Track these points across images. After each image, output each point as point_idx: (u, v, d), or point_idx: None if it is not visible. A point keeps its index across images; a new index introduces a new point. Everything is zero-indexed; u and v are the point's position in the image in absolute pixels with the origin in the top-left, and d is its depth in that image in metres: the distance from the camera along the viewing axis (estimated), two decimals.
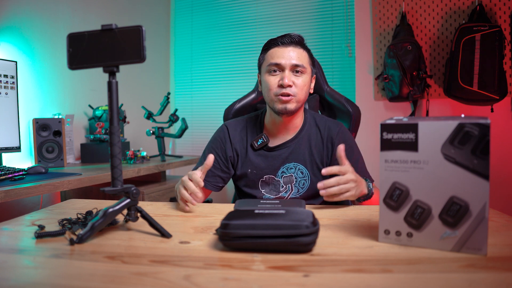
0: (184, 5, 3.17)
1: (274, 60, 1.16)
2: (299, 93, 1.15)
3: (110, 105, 0.74)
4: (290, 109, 1.15)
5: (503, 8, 2.17)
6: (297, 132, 1.24)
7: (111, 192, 0.74)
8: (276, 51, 1.17)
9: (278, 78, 1.15)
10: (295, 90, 1.14)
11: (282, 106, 1.15)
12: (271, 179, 1.23)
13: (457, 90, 2.10)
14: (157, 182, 2.23)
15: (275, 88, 1.15)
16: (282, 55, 1.15)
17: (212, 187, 1.26)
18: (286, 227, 0.64)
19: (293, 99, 1.15)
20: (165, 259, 0.62)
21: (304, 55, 1.18)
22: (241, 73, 2.97)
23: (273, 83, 1.16)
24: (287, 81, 1.12)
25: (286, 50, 1.16)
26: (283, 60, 1.14)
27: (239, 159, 1.26)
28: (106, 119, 2.15)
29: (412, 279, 0.54)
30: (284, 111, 1.15)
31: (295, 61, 1.14)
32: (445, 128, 0.63)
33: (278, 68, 1.15)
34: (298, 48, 1.17)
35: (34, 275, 0.58)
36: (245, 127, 1.29)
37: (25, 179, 1.41)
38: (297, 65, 1.14)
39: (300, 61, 1.15)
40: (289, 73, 1.14)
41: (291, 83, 1.13)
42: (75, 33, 0.73)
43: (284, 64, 1.14)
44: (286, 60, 1.14)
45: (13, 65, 1.72)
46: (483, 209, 0.61)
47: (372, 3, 2.45)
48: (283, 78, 1.13)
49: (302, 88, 1.16)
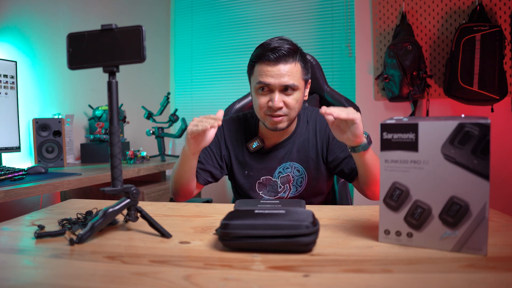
0: (184, 5, 3.17)
1: (262, 78, 1.09)
2: (291, 112, 1.12)
3: (110, 105, 0.74)
4: (281, 127, 1.13)
5: (503, 8, 2.17)
6: (291, 132, 1.23)
7: (111, 192, 0.74)
8: (265, 68, 1.08)
9: (267, 98, 1.10)
10: (286, 110, 1.10)
11: (273, 126, 1.13)
12: (268, 180, 1.23)
13: (457, 90, 2.10)
14: (157, 182, 2.23)
15: (265, 108, 1.11)
16: (271, 74, 1.07)
17: (201, 180, 1.22)
18: (286, 227, 0.64)
19: (284, 118, 1.12)
20: (165, 259, 0.62)
21: (296, 69, 1.10)
22: (241, 73, 2.97)
23: (262, 103, 1.11)
24: (276, 103, 1.08)
25: (276, 69, 1.07)
26: (272, 79, 1.07)
27: (232, 160, 1.25)
28: (106, 119, 2.15)
29: (412, 279, 0.54)
30: (275, 130, 1.14)
31: (285, 81, 1.07)
32: (445, 128, 0.63)
33: (267, 87, 1.10)
34: (290, 63, 1.08)
35: (34, 275, 0.58)
36: (240, 127, 1.27)
37: (25, 179, 1.41)
38: (287, 86, 1.08)
39: (291, 79, 1.08)
40: (279, 94, 1.08)
41: (281, 105, 1.08)
42: (75, 33, 0.73)
43: (273, 85, 1.08)
44: (276, 79, 1.07)
45: (13, 65, 1.72)
46: (483, 209, 0.61)
47: (372, 3, 2.45)
48: (273, 100, 1.08)
49: (294, 106, 1.11)
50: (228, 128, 1.27)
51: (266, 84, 1.09)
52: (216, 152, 1.24)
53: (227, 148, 1.25)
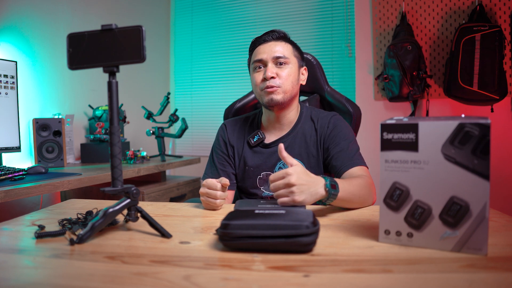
0: (184, 5, 3.17)
1: (256, 57, 1.19)
2: (284, 83, 1.16)
3: (110, 105, 0.74)
4: (276, 100, 1.16)
5: (503, 8, 2.17)
6: (292, 127, 1.24)
7: (111, 192, 0.74)
8: (259, 48, 1.20)
9: (262, 73, 1.18)
10: (279, 81, 1.16)
11: (268, 98, 1.16)
12: (268, 176, 1.23)
13: (457, 90, 2.10)
14: (157, 182, 2.23)
15: (260, 83, 1.18)
16: (264, 51, 1.18)
17: (231, 187, 1.27)
18: (286, 227, 0.64)
19: (278, 90, 1.16)
20: (165, 259, 0.62)
21: (287, 47, 1.20)
22: (241, 73, 2.97)
23: (258, 79, 1.19)
24: (269, 73, 1.15)
25: (268, 45, 1.19)
26: (264, 55, 1.17)
27: (235, 156, 1.28)
28: (106, 119, 2.15)
29: (412, 279, 0.54)
30: (271, 102, 1.16)
31: (276, 52, 1.17)
32: (445, 128, 0.63)
33: (262, 63, 1.19)
34: (280, 42, 1.19)
35: (34, 275, 0.58)
36: (243, 126, 1.31)
37: (25, 179, 1.41)
38: (278, 57, 1.16)
39: (281, 53, 1.17)
40: (271, 65, 1.17)
41: (274, 75, 1.15)
42: (75, 33, 0.73)
43: (266, 59, 1.17)
44: (268, 54, 1.17)
45: (13, 65, 1.72)
46: (484, 209, 0.61)
47: (372, 3, 2.45)
48: (266, 71, 1.16)
49: (287, 78, 1.17)
50: (231, 127, 1.32)
51: (260, 60, 1.18)
52: (226, 154, 1.29)
53: (231, 146, 1.29)
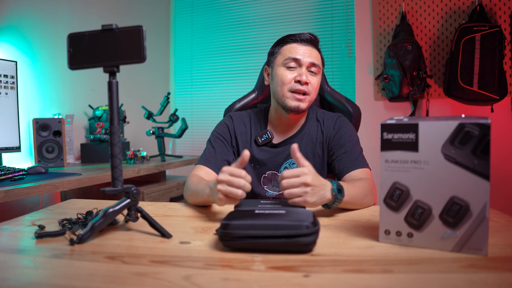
0: (184, 5, 3.17)
1: (293, 55, 1.14)
2: (313, 92, 1.15)
3: (110, 105, 0.74)
4: (302, 108, 1.14)
5: (503, 8, 2.17)
6: (300, 127, 1.24)
7: (111, 192, 0.74)
8: (295, 46, 1.15)
9: (295, 73, 1.14)
10: (310, 89, 1.14)
11: (295, 104, 1.13)
12: (274, 175, 1.23)
13: (457, 90, 2.10)
14: (157, 182, 2.23)
15: (291, 83, 1.14)
16: (303, 52, 1.14)
17: None
18: (287, 227, 0.64)
19: (307, 98, 1.14)
20: (165, 259, 0.62)
21: (319, 56, 1.19)
22: (241, 73, 2.97)
23: (288, 78, 1.14)
24: (305, 78, 1.11)
25: (305, 48, 1.15)
26: (301, 56, 1.13)
27: (240, 152, 1.25)
28: (106, 119, 2.15)
29: (412, 279, 0.54)
30: (296, 109, 1.14)
31: (313, 60, 1.14)
32: (446, 128, 0.63)
33: (296, 63, 1.14)
34: (314, 49, 1.17)
35: (34, 275, 0.58)
36: (249, 121, 1.28)
37: (25, 179, 1.41)
38: (314, 64, 1.14)
39: (317, 60, 1.15)
40: (306, 71, 1.14)
41: (308, 81, 1.13)
42: (75, 33, 0.73)
43: (303, 61, 1.13)
44: (305, 57, 1.13)
45: (13, 65, 1.72)
46: (484, 209, 0.61)
47: (372, 3, 2.45)
48: (301, 74, 1.12)
49: (316, 89, 1.16)
50: (237, 121, 1.27)
51: (296, 59, 1.14)
52: (228, 142, 1.24)
53: (236, 140, 1.26)
